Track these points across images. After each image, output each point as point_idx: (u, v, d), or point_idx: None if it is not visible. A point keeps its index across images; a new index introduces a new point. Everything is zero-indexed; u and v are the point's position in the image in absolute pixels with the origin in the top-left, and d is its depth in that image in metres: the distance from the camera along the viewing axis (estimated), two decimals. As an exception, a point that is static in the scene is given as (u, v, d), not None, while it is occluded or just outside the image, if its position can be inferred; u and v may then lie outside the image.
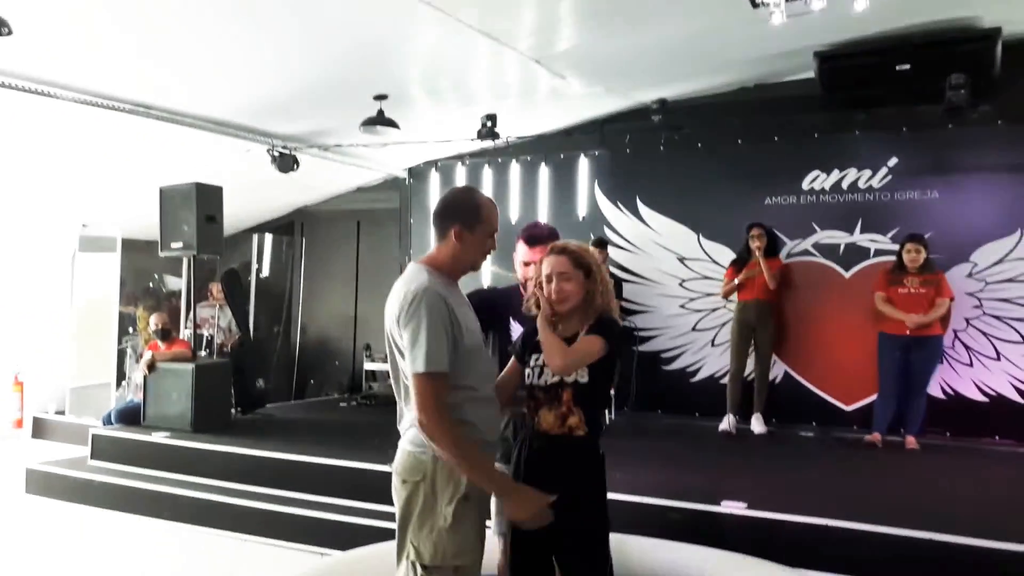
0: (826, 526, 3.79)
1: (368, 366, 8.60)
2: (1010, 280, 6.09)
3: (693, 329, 7.12)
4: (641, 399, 6.74)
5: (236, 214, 7.61)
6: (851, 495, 4.47)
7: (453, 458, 2.14)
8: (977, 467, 5.40)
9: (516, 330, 2.93)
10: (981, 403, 6.16)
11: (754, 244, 6.33)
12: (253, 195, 8.13)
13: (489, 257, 2.56)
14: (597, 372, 2.32)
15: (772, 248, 6.53)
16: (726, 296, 6.63)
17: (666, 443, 6.09)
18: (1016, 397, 6.05)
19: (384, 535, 3.69)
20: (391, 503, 2.39)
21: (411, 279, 2.29)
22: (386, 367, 8.96)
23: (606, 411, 2.46)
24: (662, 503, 4.05)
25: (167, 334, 6.54)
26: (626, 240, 7.43)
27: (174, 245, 6.29)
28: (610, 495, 2.87)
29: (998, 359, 6.13)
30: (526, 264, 2.89)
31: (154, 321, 6.66)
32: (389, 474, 2.40)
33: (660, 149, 7.18)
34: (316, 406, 8.14)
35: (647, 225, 7.35)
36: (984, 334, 6.18)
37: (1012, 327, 6.09)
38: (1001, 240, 6.12)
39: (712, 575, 3.11)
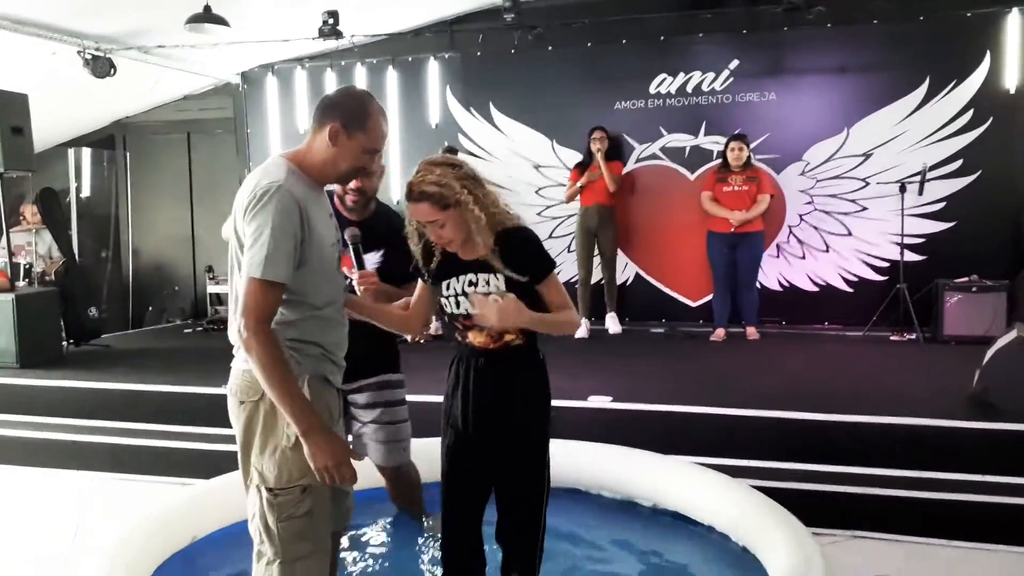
0: (687, 412, 4.02)
1: (212, 289, 8.12)
2: (837, 177, 6.54)
3: (550, 236, 7.18)
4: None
5: (46, 127, 6.80)
6: (705, 384, 4.73)
7: (265, 379, 1.91)
8: (810, 351, 5.86)
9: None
10: (812, 292, 6.67)
11: (595, 147, 6.39)
12: (64, 105, 7.27)
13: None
14: (519, 291, 2.14)
15: (615, 152, 6.64)
16: (569, 200, 6.71)
17: (528, 348, 6.18)
18: (842, 286, 6.60)
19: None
20: None
21: (267, 172, 1.99)
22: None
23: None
24: (533, 404, 4.10)
25: (-25, 263, 5.83)
26: (481, 148, 7.30)
27: (-26, 162, 5.52)
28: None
29: (827, 251, 6.62)
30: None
31: (-42, 250, 5.90)
32: None
33: (512, 52, 7.03)
34: (158, 334, 7.62)
35: (501, 132, 7.24)
36: (815, 228, 6.64)
37: (839, 221, 6.57)
38: (830, 139, 6.52)
39: (586, 467, 3.19)
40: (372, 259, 2.69)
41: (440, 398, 2.39)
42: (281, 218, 1.91)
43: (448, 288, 2.21)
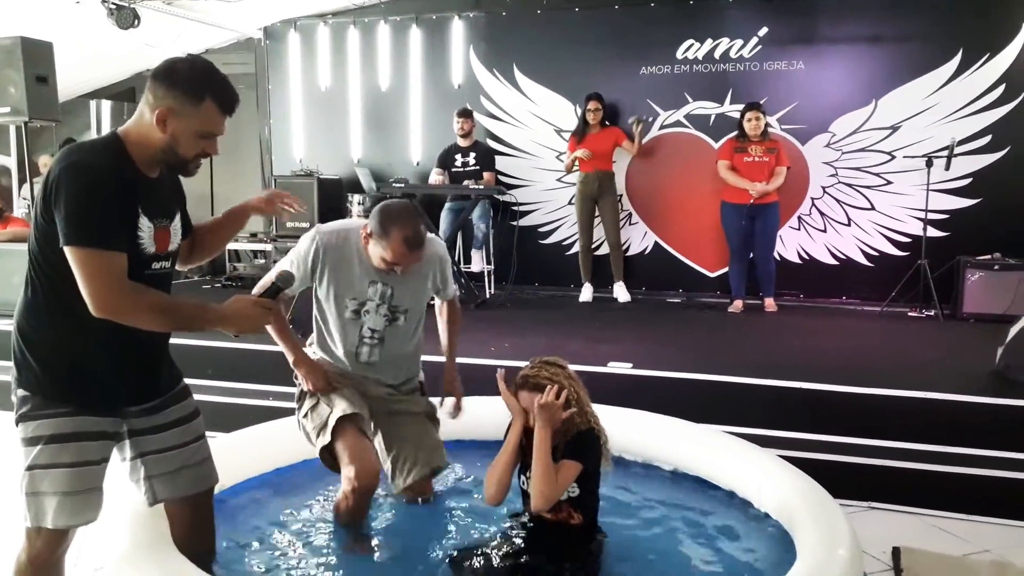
0: (705, 380, 4.02)
1: (230, 245, 8.13)
2: (863, 150, 6.47)
3: (569, 203, 7.16)
4: (519, 273, 6.77)
5: (68, 78, 6.77)
6: (723, 353, 4.75)
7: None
8: (828, 324, 5.87)
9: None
10: (832, 266, 6.64)
11: (591, 118, 6.43)
12: (86, 56, 7.24)
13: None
14: (584, 481, 2.34)
15: (612, 118, 6.68)
16: (568, 171, 6.70)
17: (546, 313, 6.20)
18: (863, 260, 6.56)
19: (269, 415, 3.57)
20: (273, 383, 2.25)
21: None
22: (250, 247, 8.38)
23: (598, 497, 2.46)
24: (553, 367, 4.12)
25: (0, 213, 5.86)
26: (503, 111, 7.25)
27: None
28: (502, 363, 2.90)
29: (848, 225, 6.57)
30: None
31: (-20, 199, 5.93)
32: (270, 353, 2.27)
33: (538, 12, 6.94)
34: (178, 289, 7.62)
35: (524, 95, 7.18)
36: (838, 201, 6.58)
37: (862, 194, 6.51)
38: (857, 111, 6.44)
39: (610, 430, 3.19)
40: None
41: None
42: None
43: (528, 471, 2.40)
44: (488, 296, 6.65)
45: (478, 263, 6.79)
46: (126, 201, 1.84)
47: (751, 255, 6.26)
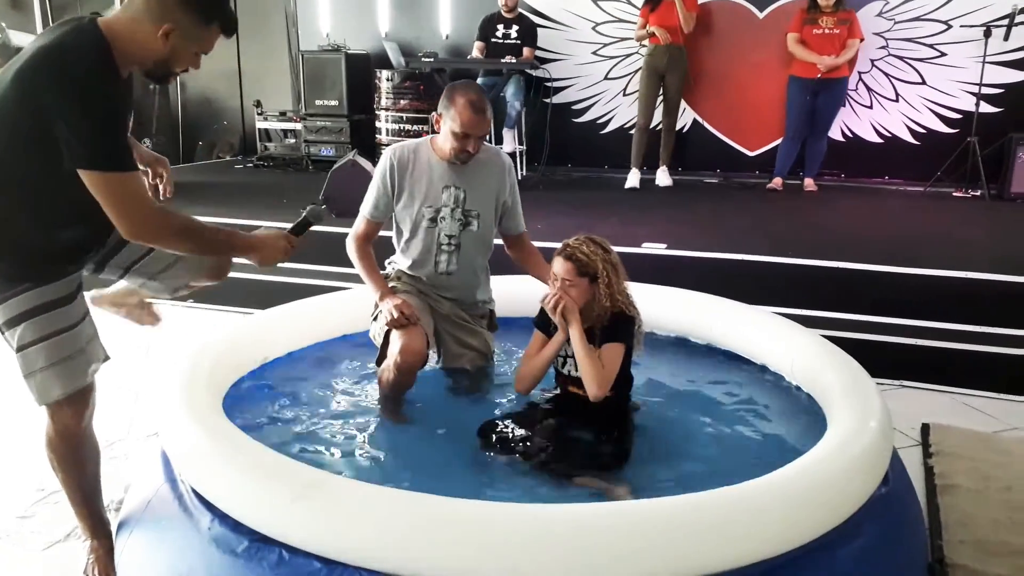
0: (740, 260, 4.00)
1: (260, 125, 8.07)
2: (918, 19, 6.11)
3: (605, 78, 6.92)
4: (551, 153, 6.64)
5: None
6: (760, 233, 4.68)
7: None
8: (868, 204, 5.74)
9: None
10: (877, 144, 6.42)
11: None
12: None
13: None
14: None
15: None
16: (640, 40, 6.36)
17: (579, 194, 6.13)
18: (909, 138, 6.32)
19: (303, 292, 3.64)
20: (307, 262, 2.28)
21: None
22: (280, 126, 8.29)
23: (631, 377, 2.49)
24: (586, 247, 4.11)
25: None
26: (536, -23, 6.93)
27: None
28: (535, 244, 2.90)
29: (896, 100, 6.30)
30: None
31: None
32: (313, 234, 2.31)
33: None
34: (209, 169, 7.69)
35: (558, -43, 6.84)
36: (887, 75, 6.29)
37: (914, 68, 6.21)
38: (915, -25, 6.05)
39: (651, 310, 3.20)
40: None
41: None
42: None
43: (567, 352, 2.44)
44: (520, 178, 6.56)
45: (510, 143, 6.67)
46: (126, 114, 1.83)
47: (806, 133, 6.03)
